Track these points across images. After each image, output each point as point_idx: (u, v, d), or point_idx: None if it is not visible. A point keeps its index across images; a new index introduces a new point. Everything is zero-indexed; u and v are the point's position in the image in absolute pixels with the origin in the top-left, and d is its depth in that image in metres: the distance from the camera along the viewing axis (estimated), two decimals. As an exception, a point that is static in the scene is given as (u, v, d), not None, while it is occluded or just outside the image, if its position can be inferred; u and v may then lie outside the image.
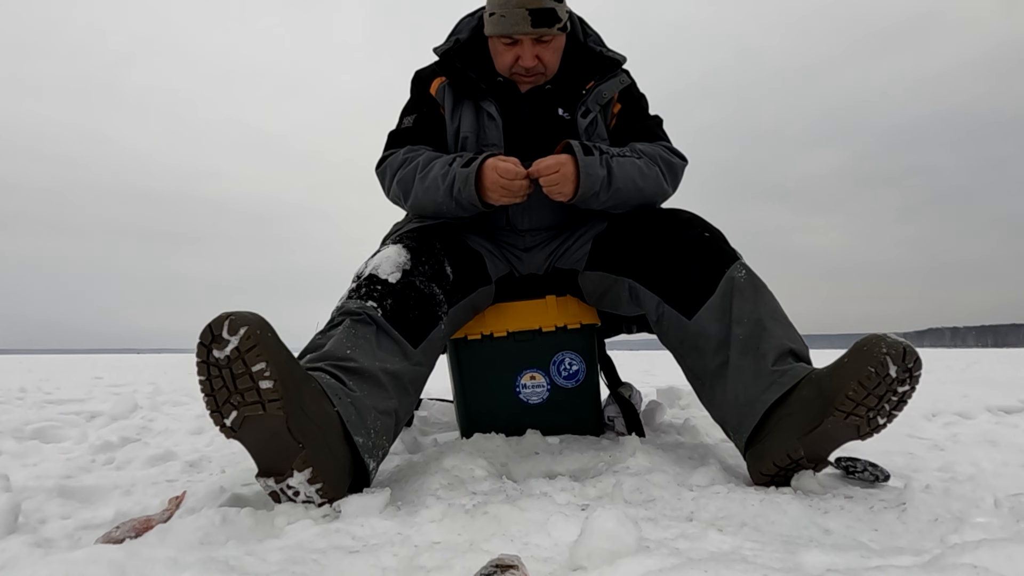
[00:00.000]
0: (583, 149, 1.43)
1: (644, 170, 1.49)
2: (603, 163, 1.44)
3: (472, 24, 1.66)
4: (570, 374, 1.68)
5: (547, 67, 1.58)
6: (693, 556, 0.79)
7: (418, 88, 1.67)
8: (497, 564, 0.72)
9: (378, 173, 1.65)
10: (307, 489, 1.05)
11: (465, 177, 1.44)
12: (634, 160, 1.49)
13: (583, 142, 1.46)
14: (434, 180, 1.49)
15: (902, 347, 1.09)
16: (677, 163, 1.58)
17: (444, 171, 1.48)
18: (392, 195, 1.62)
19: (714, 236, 1.43)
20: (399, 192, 1.57)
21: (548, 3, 1.48)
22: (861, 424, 1.14)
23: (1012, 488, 1.27)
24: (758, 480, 1.23)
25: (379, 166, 1.64)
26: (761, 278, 1.37)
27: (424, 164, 1.52)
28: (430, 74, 1.66)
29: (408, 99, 1.69)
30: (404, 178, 1.55)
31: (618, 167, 1.45)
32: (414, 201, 1.55)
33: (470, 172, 1.43)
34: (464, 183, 1.44)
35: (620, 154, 1.48)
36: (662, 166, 1.53)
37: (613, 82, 1.62)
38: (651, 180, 1.50)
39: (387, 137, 1.67)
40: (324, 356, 1.20)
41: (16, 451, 1.70)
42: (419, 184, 1.52)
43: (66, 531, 1.02)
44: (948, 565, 0.70)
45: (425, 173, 1.51)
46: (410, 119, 1.64)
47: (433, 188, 1.49)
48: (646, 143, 1.57)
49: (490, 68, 1.63)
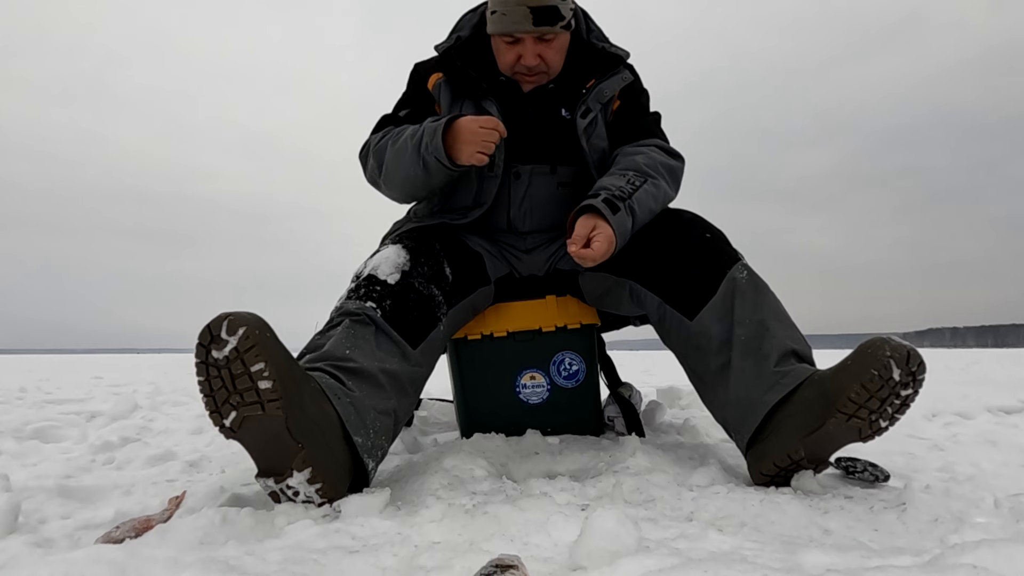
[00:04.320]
0: (609, 207, 1.35)
1: (655, 192, 1.45)
2: (628, 211, 1.38)
3: (474, 21, 1.62)
4: (570, 374, 1.68)
5: (550, 66, 1.55)
6: (693, 556, 0.79)
7: (415, 82, 1.64)
8: (497, 564, 0.72)
9: (360, 157, 1.61)
10: (307, 489, 1.05)
11: (433, 131, 1.38)
12: (646, 188, 1.43)
13: (605, 196, 1.36)
14: (404, 142, 1.45)
15: (906, 350, 1.09)
16: (676, 166, 1.57)
17: (414, 131, 1.44)
18: (369, 171, 1.57)
19: (715, 237, 1.43)
20: (374, 164, 1.53)
21: (550, 0, 1.44)
22: (863, 426, 1.14)
23: (1012, 488, 1.27)
24: (758, 480, 1.23)
25: (362, 149, 1.61)
26: (763, 279, 1.37)
27: (397, 132, 1.49)
28: (428, 68, 1.63)
29: (404, 91, 1.66)
30: (379, 149, 1.52)
31: (638, 206, 1.40)
32: (386, 171, 1.50)
33: (439, 125, 1.38)
34: (432, 136, 1.38)
35: (631, 184, 1.41)
36: (665, 175, 1.50)
37: (615, 79, 1.59)
38: (661, 198, 1.47)
39: (377, 120, 1.64)
40: (323, 356, 1.20)
41: (16, 451, 1.69)
42: (390, 150, 1.48)
43: (66, 531, 1.02)
44: (948, 565, 0.70)
45: (397, 137, 1.48)
46: (404, 112, 1.61)
47: (403, 149, 1.44)
48: (643, 151, 1.52)
49: (492, 66, 1.60)
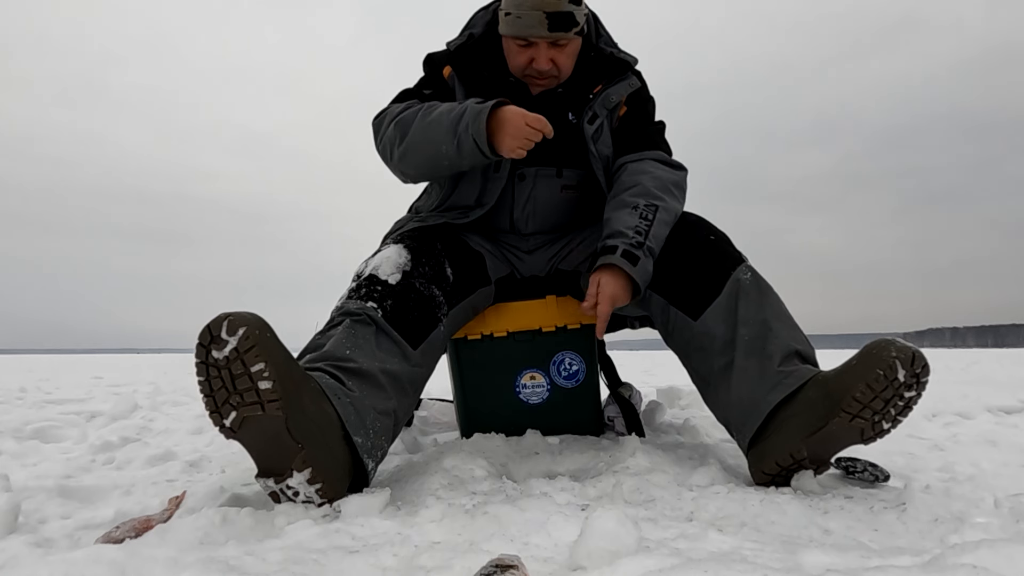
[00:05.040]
0: (629, 260, 1.34)
1: (667, 219, 1.43)
2: (647, 254, 1.37)
3: (487, 19, 1.61)
4: (570, 374, 1.68)
5: (561, 71, 1.54)
6: (693, 556, 0.79)
7: (431, 70, 1.62)
8: (497, 564, 0.72)
9: (374, 122, 1.57)
10: (307, 489, 1.05)
11: (477, 112, 1.34)
12: (659, 218, 1.41)
13: (624, 249, 1.35)
14: (439, 116, 1.40)
15: (911, 352, 1.10)
16: (680, 178, 1.54)
17: (451, 108, 1.40)
18: (385, 139, 1.51)
19: (720, 239, 1.43)
20: (394, 134, 1.48)
21: (566, 6, 1.42)
22: (866, 427, 1.14)
23: (1012, 488, 1.27)
24: (759, 479, 1.23)
25: (378, 115, 1.57)
26: (767, 280, 1.38)
27: (429, 107, 1.46)
28: (441, 60, 1.61)
29: (422, 77, 1.63)
30: (404, 119, 1.47)
31: (655, 242, 1.39)
32: (409, 143, 1.45)
33: (484, 108, 1.34)
34: (475, 118, 1.34)
35: (645, 220, 1.39)
36: (673, 191, 1.49)
37: (622, 85, 1.58)
38: (671, 220, 1.45)
39: (397, 93, 1.61)
40: (323, 356, 1.20)
41: (16, 451, 1.70)
42: (420, 122, 1.43)
43: (66, 531, 1.02)
44: (948, 565, 0.70)
45: (429, 112, 1.43)
46: (428, 91, 1.58)
47: (436, 125, 1.40)
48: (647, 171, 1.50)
49: (502, 66, 1.59)
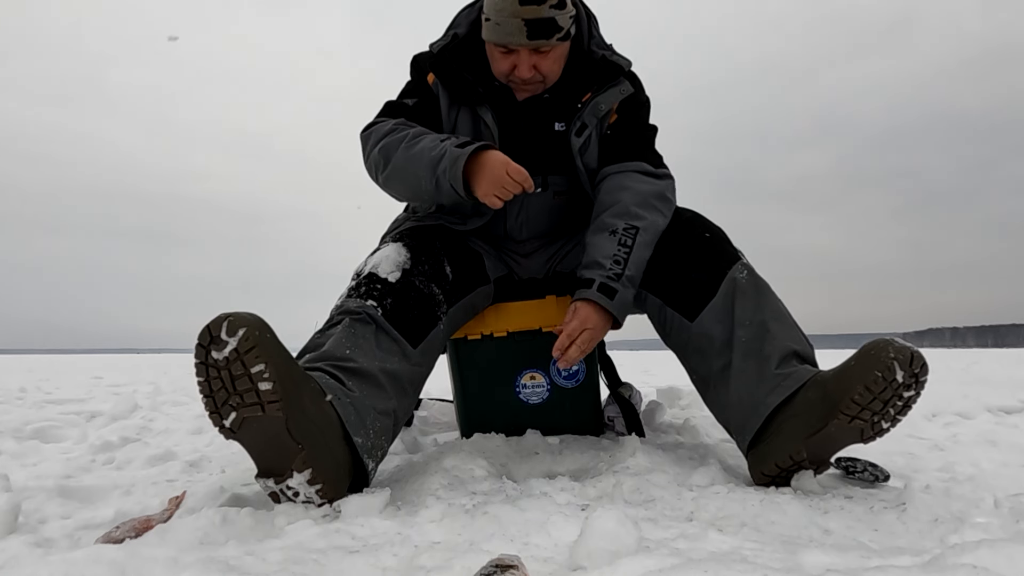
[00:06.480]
0: (606, 294, 1.34)
1: (648, 240, 1.41)
2: (627, 283, 1.36)
3: (471, 18, 1.57)
4: (570, 374, 1.68)
5: (546, 77, 1.49)
6: (693, 556, 0.79)
7: (416, 74, 1.59)
8: (497, 564, 0.72)
9: (362, 136, 1.55)
10: (307, 489, 1.05)
11: (455, 158, 1.33)
12: (640, 240, 1.39)
13: (600, 282, 1.35)
14: (421, 151, 1.39)
15: (910, 352, 1.10)
16: (663, 188, 1.49)
17: (434, 145, 1.38)
18: (371, 161, 1.50)
19: (715, 236, 1.43)
20: (379, 159, 1.46)
21: (546, 12, 1.36)
22: (865, 428, 1.14)
23: (1012, 488, 1.27)
24: (759, 480, 1.23)
25: (366, 129, 1.55)
26: (764, 278, 1.37)
27: (415, 135, 1.44)
28: (426, 64, 1.57)
29: (408, 81, 1.60)
30: (389, 144, 1.45)
31: (635, 268, 1.38)
32: (392, 171, 1.45)
33: (462, 154, 1.33)
34: (453, 164, 1.33)
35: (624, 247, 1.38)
36: (656, 206, 1.45)
37: (612, 92, 1.51)
38: (653, 240, 1.42)
39: (382, 105, 1.59)
40: (323, 356, 1.20)
41: (16, 451, 1.70)
42: (403, 152, 1.42)
43: (66, 531, 1.02)
44: (948, 565, 0.70)
45: (413, 143, 1.41)
46: (411, 100, 1.56)
47: (417, 159, 1.39)
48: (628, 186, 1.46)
49: (487, 68, 1.55)
